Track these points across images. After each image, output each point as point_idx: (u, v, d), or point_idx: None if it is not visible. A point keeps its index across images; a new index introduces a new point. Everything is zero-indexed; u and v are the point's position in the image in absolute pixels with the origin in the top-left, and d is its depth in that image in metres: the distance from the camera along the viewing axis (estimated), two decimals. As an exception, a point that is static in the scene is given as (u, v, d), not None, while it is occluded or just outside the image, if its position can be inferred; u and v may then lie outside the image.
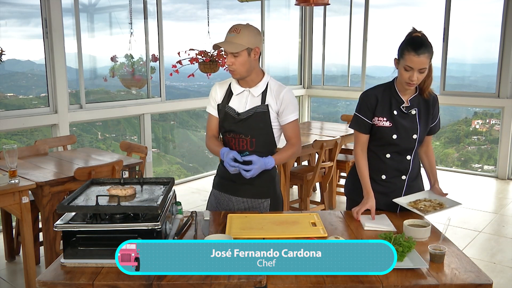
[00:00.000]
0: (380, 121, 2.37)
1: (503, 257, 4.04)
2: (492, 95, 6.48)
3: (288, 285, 1.67)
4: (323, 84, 8.02)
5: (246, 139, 2.41)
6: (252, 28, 2.32)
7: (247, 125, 2.39)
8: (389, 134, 2.37)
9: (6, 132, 5.11)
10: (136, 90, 5.97)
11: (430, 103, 2.39)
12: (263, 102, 2.40)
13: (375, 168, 2.45)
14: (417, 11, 7.80)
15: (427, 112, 2.39)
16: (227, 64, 2.33)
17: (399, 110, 2.36)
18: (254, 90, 2.41)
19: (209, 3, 5.64)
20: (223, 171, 2.51)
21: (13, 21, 5.02)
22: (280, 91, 2.41)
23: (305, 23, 7.99)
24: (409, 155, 2.42)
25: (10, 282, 3.66)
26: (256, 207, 2.50)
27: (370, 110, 2.39)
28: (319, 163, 4.46)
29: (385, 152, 2.42)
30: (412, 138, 2.37)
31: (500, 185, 6.23)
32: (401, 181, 2.46)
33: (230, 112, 2.42)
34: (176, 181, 6.24)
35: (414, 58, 2.18)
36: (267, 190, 2.50)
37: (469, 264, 1.83)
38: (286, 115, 2.41)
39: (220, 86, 2.51)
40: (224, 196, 2.54)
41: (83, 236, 1.80)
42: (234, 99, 2.44)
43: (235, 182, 2.48)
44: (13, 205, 3.13)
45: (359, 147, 2.45)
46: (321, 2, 5.04)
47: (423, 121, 2.38)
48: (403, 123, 2.36)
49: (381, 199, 2.41)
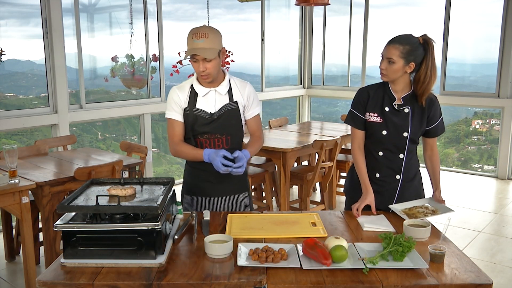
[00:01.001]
0: (372, 116, 2.42)
1: (503, 257, 4.03)
2: (492, 95, 6.48)
3: (288, 285, 1.67)
4: (323, 84, 8.02)
5: (222, 138, 2.41)
6: (215, 29, 2.33)
7: (221, 124, 2.40)
8: (379, 129, 2.41)
9: (6, 132, 5.11)
10: (136, 90, 5.98)
11: (426, 104, 2.40)
12: (231, 99, 2.43)
13: (369, 166, 2.48)
14: (417, 11, 7.80)
15: (421, 112, 2.41)
16: (201, 70, 2.30)
17: (391, 107, 2.40)
18: (220, 88, 2.42)
19: (209, 3, 5.64)
20: (195, 174, 2.50)
21: (13, 21, 5.03)
22: (245, 86, 2.48)
23: (305, 23, 7.99)
24: (402, 154, 2.44)
25: (10, 282, 3.66)
26: (237, 203, 2.52)
27: (362, 105, 2.45)
28: (319, 163, 4.46)
29: (377, 149, 2.46)
30: (403, 135, 2.40)
31: (500, 185, 6.23)
32: (396, 181, 2.48)
33: (201, 114, 2.40)
34: (176, 181, 6.22)
35: (385, 47, 2.33)
36: (244, 184, 2.56)
37: (469, 264, 1.83)
38: (252, 108, 2.49)
39: (180, 89, 2.45)
40: (202, 199, 2.51)
41: (83, 236, 1.80)
42: (200, 101, 2.41)
43: (212, 183, 2.47)
44: (13, 205, 3.13)
45: (355, 144, 2.50)
46: (321, 2, 5.04)
47: (416, 120, 2.40)
48: (393, 120, 2.39)
49: (376, 198, 2.43)
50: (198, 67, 2.30)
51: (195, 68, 2.32)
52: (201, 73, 2.32)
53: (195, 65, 2.31)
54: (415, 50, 2.29)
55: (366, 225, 2.21)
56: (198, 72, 2.32)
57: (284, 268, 1.76)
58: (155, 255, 1.80)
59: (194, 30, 2.29)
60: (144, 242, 1.79)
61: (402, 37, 2.31)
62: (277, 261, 1.78)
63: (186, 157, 2.45)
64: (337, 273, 1.73)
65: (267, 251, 1.84)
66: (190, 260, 1.84)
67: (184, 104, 2.43)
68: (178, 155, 2.46)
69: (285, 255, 1.83)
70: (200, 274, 1.72)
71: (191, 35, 2.29)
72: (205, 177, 2.47)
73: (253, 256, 1.82)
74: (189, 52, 2.28)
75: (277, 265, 1.76)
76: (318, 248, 1.79)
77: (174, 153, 2.46)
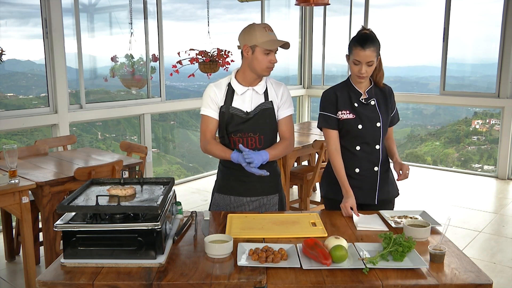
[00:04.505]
0: (344, 114, 2.50)
1: (503, 257, 4.03)
2: (492, 95, 6.48)
3: (288, 285, 1.67)
4: (323, 84, 8.02)
5: (255, 137, 2.42)
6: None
7: (255, 123, 2.41)
8: (354, 125, 2.48)
9: (6, 132, 5.11)
10: (136, 90, 5.98)
11: (387, 94, 2.55)
12: (267, 99, 2.45)
13: (348, 162, 2.53)
14: (417, 11, 7.80)
15: (385, 101, 2.54)
16: (274, 62, 2.35)
17: (359, 102, 2.50)
18: (258, 88, 2.44)
19: (209, 3, 5.64)
20: (227, 173, 2.51)
21: (13, 21, 5.02)
22: (280, 86, 2.52)
23: (305, 23, 7.99)
24: (378, 145, 2.52)
25: (10, 282, 3.66)
26: (266, 204, 2.51)
27: (332, 105, 2.52)
28: (319, 163, 4.46)
29: (354, 144, 2.52)
30: (377, 126, 2.49)
31: (500, 185, 6.23)
32: (374, 173, 2.54)
33: (237, 113, 2.41)
34: (176, 181, 6.24)
35: (361, 52, 2.36)
36: (275, 186, 2.55)
37: (469, 264, 1.83)
38: (284, 109, 2.50)
39: (218, 87, 2.46)
40: (232, 198, 2.52)
41: (83, 236, 1.81)
42: (237, 99, 2.43)
43: (244, 182, 2.48)
44: (13, 205, 3.13)
45: (332, 146, 2.54)
46: (321, 2, 5.04)
47: (383, 110, 2.52)
48: (365, 113, 2.48)
49: (358, 193, 2.47)
50: (270, 59, 2.33)
51: (264, 61, 2.33)
52: (271, 65, 2.36)
53: (266, 57, 2.33)
54: (379, 45, 2.41)
55: (360, 225, 2.21)
56: (268, 64, 2.35)
57: (284, 268, 1.76)
58: (155, 255, 1.80)
59: (261, 25, 2.34)
60: (144, 242, 1.79)
61: (370, 38, 2.38)
62: (277, 261, 1.78)
63: (215, 156, 2.46)
64: (337, 273, 1.73)
65: (267, 251, 1.84)
66: (190, 260, 1.84)
67: (220, 102, 2.44)
68: (208, 152, 2.47)
69: (285, 255, 1.83)
70: (200, 274, 1.72)
71: (262, 29, 2.32)
72: (236, 176, 2.47)
73: (253, 256, 1.82)
74: (275, 42, 2.31)
75: (277, 265, 1.76)
76: (318, 248, 1.79)
77: (204, 150, 2.48)
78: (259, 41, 2.31)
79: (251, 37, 2.33)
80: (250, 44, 2.34)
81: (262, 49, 2.32)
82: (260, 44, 2.31)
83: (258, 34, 2.32)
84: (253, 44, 2.33)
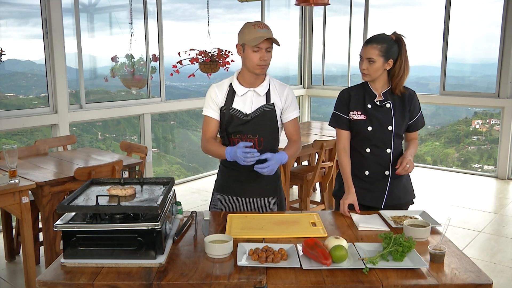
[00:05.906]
0: (355, 114, 2.49)
1: (503, 257, 4.03)
2: (492, 95, 6.48)
3: (288, 285, 1.67)
4: (323, 84, 8.02)
5: (254, 139, 2.41)
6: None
7: (255, 124, 2.40)
8: (364, 126, 2.47)
9: (6, 132, 5.11)
10: (136, 90, 5.97)
11: (406, 98, 2.50)
12: (268, 101, 2.43)
13: (357, 164, 2.52)
14: (417, 11, 7.80)
15: (402, 106, 2.49)
16: (265, 59, 2.30)
17: (373, 104, 2.48)
18: (259, 89, 2.43)
19: (209, 3, 5.64)
20: (227, 173, 2.51)
21: (13, 21, 5.02)
22: (284, 88, 2.49)
23: (305, 23, 7.99)
24: (389, 148, 2.49)
25: (10, 282, 3.66)
26: (264, 206, 2.50)
27: (345, 105, 2.52)
28: (319, 163, 4.46)
29: (364, 146, 2.51)
30: (387, 129, 2.46)
31: (500, 185, 6.23)
32: (385, 177, 2.51)
33: (237, 114, 2.41)
34: (176, 181, 6.24)
35: (363, 47, 2.43)
36: (274, 188, 2.53)
37: (469, 264, 1.83)
38: (289, 112, 2.48)
39: (219, 87, 2.46)
40: (231, 198, 2.52)
41: (83, 236, 1.80)
42: (237, 100, 2.42)
43: (242, 182, 2.47)
44: (13, 205, 3.13)
45: (341, 145, 2.54)
46: (321, 2, 5.04)
47: (398, 114, 2.48)
48: (377, 116, 2.46)
49: (366, 196, 2.48)
50: (260, 56, 2.30)
51: (254, 58, 2.30)
52: (261, 63, 2.31)
53: (256, 55, 2.30)
54: (391, 47, 2.40)
55: (361, 224, 2.21)
56: (258, 62, 2.31)
57: (284, 268, 1.76)
58: (155, 255, 1.80)
59: (251, 23, 2.32)
60: (144, 242, 1.79)
61: (378, 37, 2.42)
62: (277, 261, 1.78)
63: (213, 154, 2.44)
64: (337, 273, 1.73)
65: (267, 251, 1.84)
66: (190, 260, 1.84)
67: (221, 103, 2.44)
68: (206, 152, 2.48)
69: (285, 255, 1.83)
70: (200, 274, 1.72)
71: (251, 26, 2.30)
72: (236, 177, 2.47)
73: (253, 256, 1.82)
74: (259, 38, 2.25)
75: (277, 265, 1.76)
76: (318, 248, 1.79)
77: (203, 149, 2.49)
78: (246, 39, 2.31)
79: (241, 35, 2.35)
80: (240, 42, 2.36)
81: (250, 46, 2.30)
82: (247, 41, 2.30)
83: (246, 31, 2.31)
84: (242, 43, 2.34)
